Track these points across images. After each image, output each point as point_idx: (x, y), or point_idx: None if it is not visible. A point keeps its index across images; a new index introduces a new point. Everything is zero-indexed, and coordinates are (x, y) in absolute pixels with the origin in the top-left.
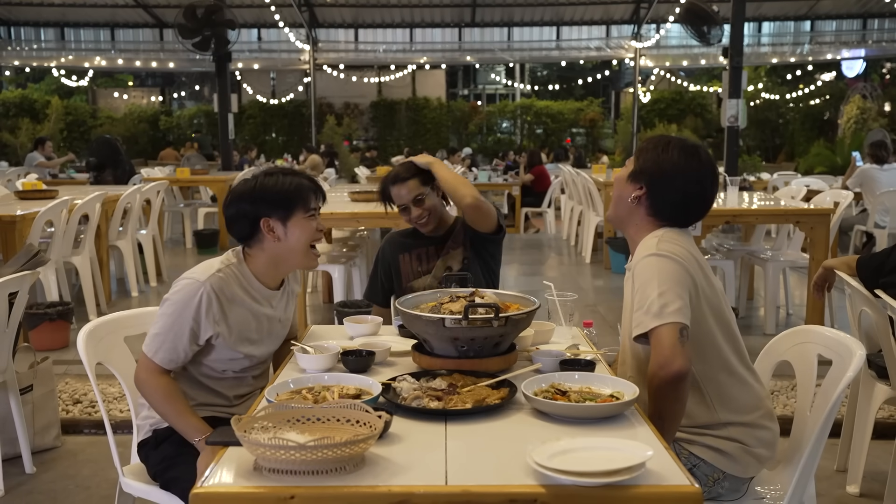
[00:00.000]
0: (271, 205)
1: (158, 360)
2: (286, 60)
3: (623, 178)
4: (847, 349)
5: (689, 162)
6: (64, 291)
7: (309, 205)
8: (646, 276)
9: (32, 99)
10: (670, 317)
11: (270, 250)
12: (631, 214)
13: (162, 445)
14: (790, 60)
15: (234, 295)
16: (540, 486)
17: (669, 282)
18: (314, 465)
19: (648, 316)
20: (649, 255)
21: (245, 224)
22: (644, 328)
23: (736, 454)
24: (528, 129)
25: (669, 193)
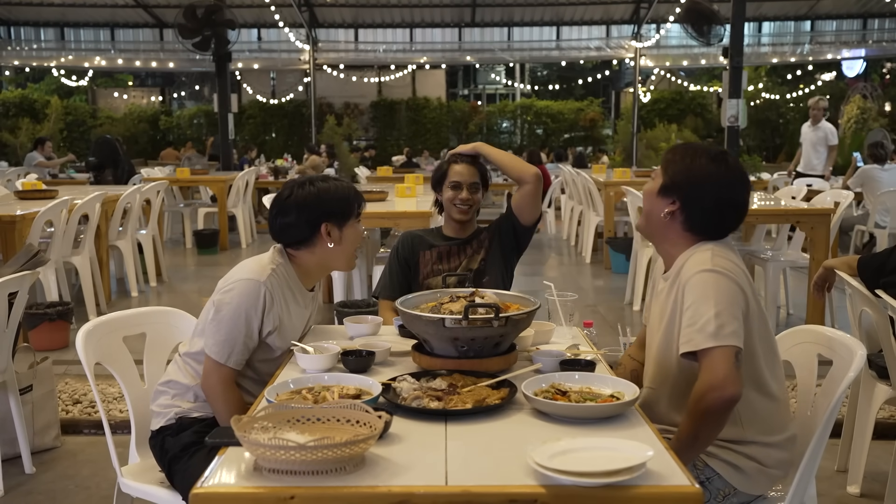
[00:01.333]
0: (333, 210)
1: (233, 363)
2: (286, 60)
3: (653, 192)
4: (848, 349)
5: (718, 169)
6: (64, 291)
7: (360, 210)
8: (701, 292)
9: (32, 99)
10: (727, 339)
11: (321, 253)
12: (665, 229)
13: (182, 433)
14: (790, 60)
15: (284, 293)
16: (540, 486)
17: (726, 301)
18: (314, 465)
19: (703, 335)
20: (705, 271)
21: (305, 229)
22: (696, 347)
23: (752, 472)
24: (528, 129)
25: (703, 205)
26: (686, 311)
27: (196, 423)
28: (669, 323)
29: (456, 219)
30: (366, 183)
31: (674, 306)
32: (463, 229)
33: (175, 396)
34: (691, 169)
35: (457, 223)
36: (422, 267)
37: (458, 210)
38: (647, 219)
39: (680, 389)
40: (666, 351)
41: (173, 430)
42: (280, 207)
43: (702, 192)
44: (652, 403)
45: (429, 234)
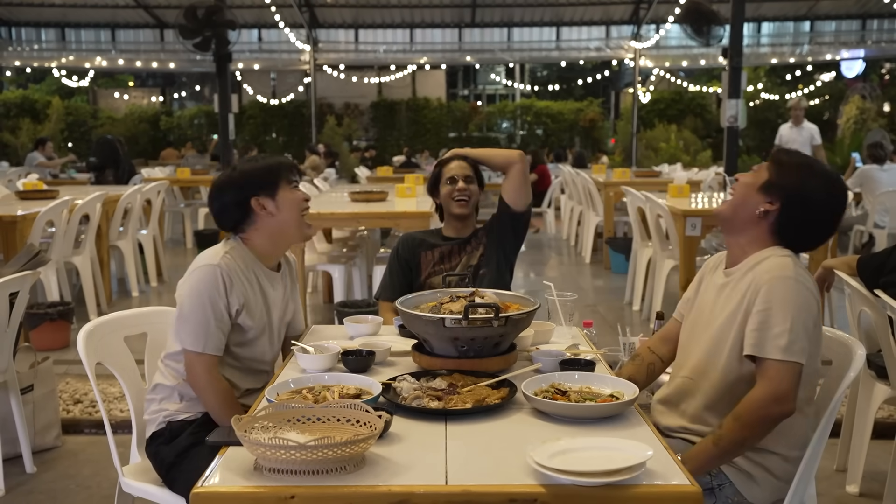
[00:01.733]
0: (258, 184)
1: (211, 349)
2: (286, 61)
3: (753, 186)
4: (847, 349)
5: (832, 193)
6: (64, 291)
7: (291, 177)
8: (781, 298)
9: (33, 99)
10: (796, 355)
11: (266, 227)
12: (751, 225)
13: (177, 439)
14: (790, 61)
15: (243, 272)
16: (540, 486)
17: (803, 316)
18: (314, 465)
19: (773, 345)
20: (788, 277)
21: (235, 210)
22: (765, 354)
23: (762, 483)
24: (528, 129)
25: (805, 217)
26: (758, 312)
27: (187, 426)
28: (729, 319)
29: (456, 213)
30: (366, 183)
31: (739, 304)
32: (463, 228)
33: (162, 401)
34: (806, 178)
35: (457, 221)
36: (423, 268)
37: (458, 203)
38: (735, 209)
39: (723, 387)
40: (717, 345)
41: (165, 438)
42: (211, 196)
43: (808, 204)
44: (685, 394)
45: (429, 235)
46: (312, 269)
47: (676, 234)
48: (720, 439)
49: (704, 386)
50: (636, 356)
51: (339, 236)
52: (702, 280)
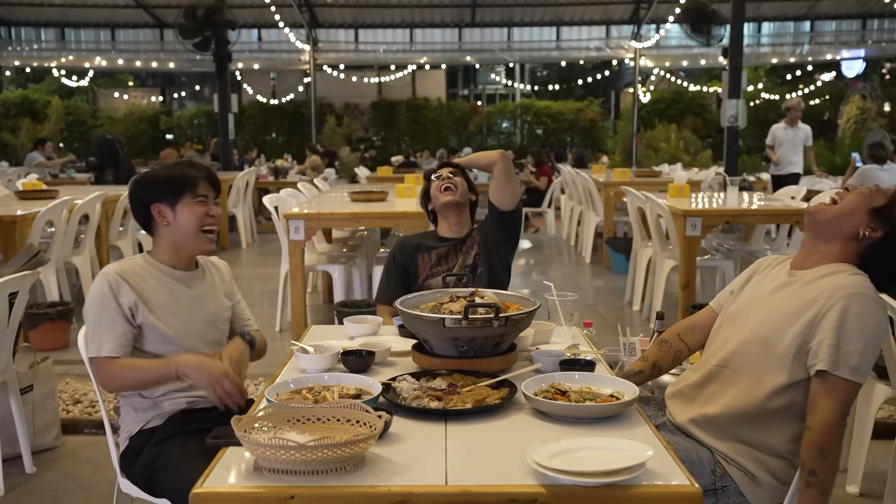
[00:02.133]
0: (160, 190)
1: (107, 351)
2: (286, 61)
3: (866, 204)
4: None
5: None
6: (64, 291)
7: (196, 191)
8: (859, 317)
9: (33, 99)
10: (862, 377)
11: (166, 235)
12: (842, 238)
13: (141, 453)
14: (790, 61)
15: (142, 275)
16: (540, 486)
17: (878, 339)
18: (314, 465)
19: (845, 363)
20: (868, 297)
21: (140, 212)
22: (837, 372)
23: (766, 485)
24: (528, 129)
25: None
26: (833, 328)
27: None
28: (789, 317)
29: (445, 202)
30: (366, 183)
31: (807, 306)
32: (457, 227)
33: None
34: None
35: (449, 216)
36: (421, 270)
37: (445, 193)
38: (838, 217)
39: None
40: (769, 339)
41: (131, 455)
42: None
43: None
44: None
45: (425, 237)
46: (312, 269)
47: (676, 234)
48: (825, 485)
49: (743, 378)
50: (664, 342)
51: (339, 236)
52: (752, 276)
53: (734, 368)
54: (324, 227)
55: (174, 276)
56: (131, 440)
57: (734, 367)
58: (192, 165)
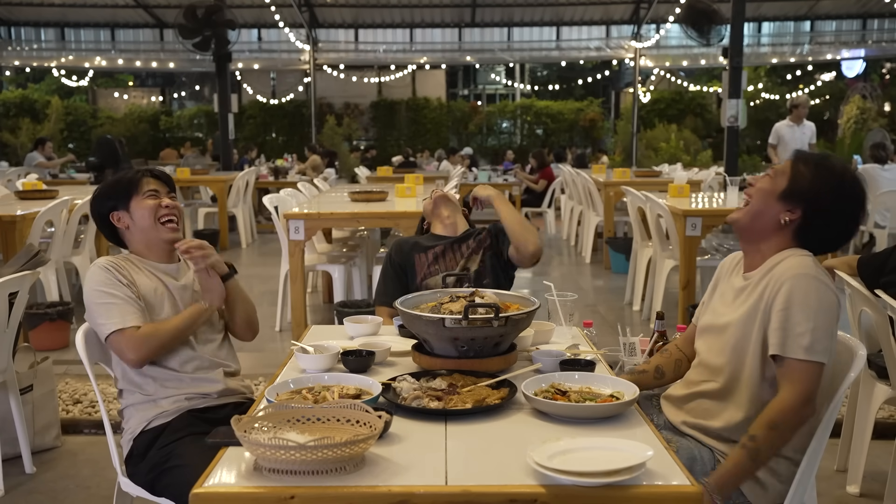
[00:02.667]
0: (110, 200)
1: (132, 321)
2: (286, 60)
3: (772, 194)
4: (848, 349)
5: (852, 194)
6: (64, 291)
7: (142, 188)
8: (802, 297)
9: (33, 99)
10: (820, 355)
11: (132, 238)
12: (771, 232)
13: (148, 455)
14: (790, 60)
15: (132, 268)
16: (540, 486)
17: (826, 315)
18: (314, 465)
19: (797, 345)
20: (809, 276)
21: (104, 228)
22: (788, 354)
23: (770, 486)
24: (528, 129)
25: (828, 224)
26: (780, 311)
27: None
28: (748, 319)
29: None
30: (366, 183)
31: (757, 304)
32: (452, 224)
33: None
34: (825, 182)
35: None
36: (418, 269)
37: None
38: (754, 217)
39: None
40: (740, 347)
41: (137, 457)
42: None
43: (832, 215)
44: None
45: (421, 237)
46: (312, 269)
47: (677, 234)
48: (758, 453)
49: (731, 388)
50: (665, 350)
51: (339, 236)
52: (717, 285)
53: (718, 382)
54: (324, 227)
55: (159, 268)
56: (135, 441)
57: (718, 380)
58: (136, 168)
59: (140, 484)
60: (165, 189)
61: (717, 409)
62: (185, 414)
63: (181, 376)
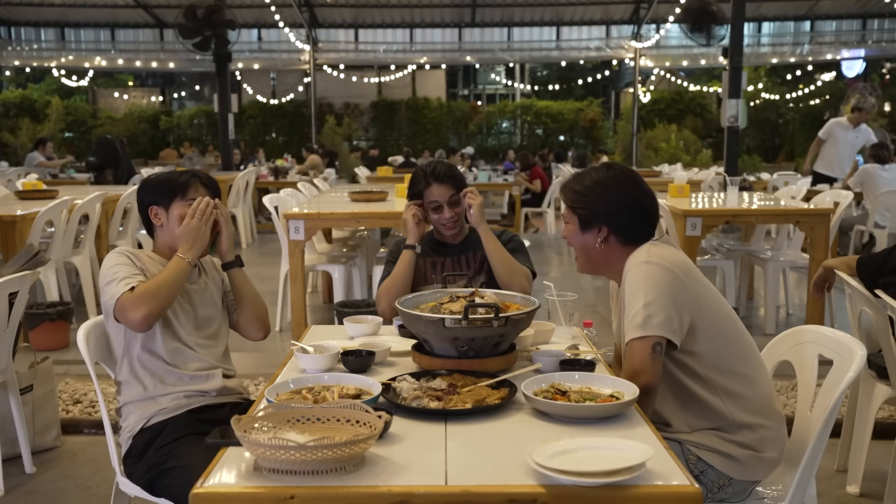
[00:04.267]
0: (155, 193)
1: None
2: (286, 60)
3: (577, 233)
4: (848, 349)
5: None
6: (64, 291)
7: (187, 194)
8: (634, 283)
9: (32, 99)
10: (650, 329)
11: (161, 236)
12: (607, 256)
13: (146, 454)
14: (790, 60)
15: (148, 262)
16: (540, 486)
17: (657, 291)
18: (314, 465)
19: (631, 326)
20: (638, 263)
21: (142, 213)
22: (626, 339)
23: (746, 460)
24: (528, 129)
25: (629, 217)
26: (624, 303)
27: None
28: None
29: (447, 235)
30: (366, 183)
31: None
32: (454, 235)
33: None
34: (598, 193)
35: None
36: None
37: (448, 228)
38: (586, 257)
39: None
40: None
41: (135, 455)
42: None
43: (620, 209)
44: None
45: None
46: (312, 269)
47: (676, 234)
48: None
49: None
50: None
51: (339, 236)
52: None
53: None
54: (324, 227)
55: None
56: (134, 439)
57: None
58: (191, 171)
59: (138, 483)
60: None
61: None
62: (184, 415)
63: (181, 374)
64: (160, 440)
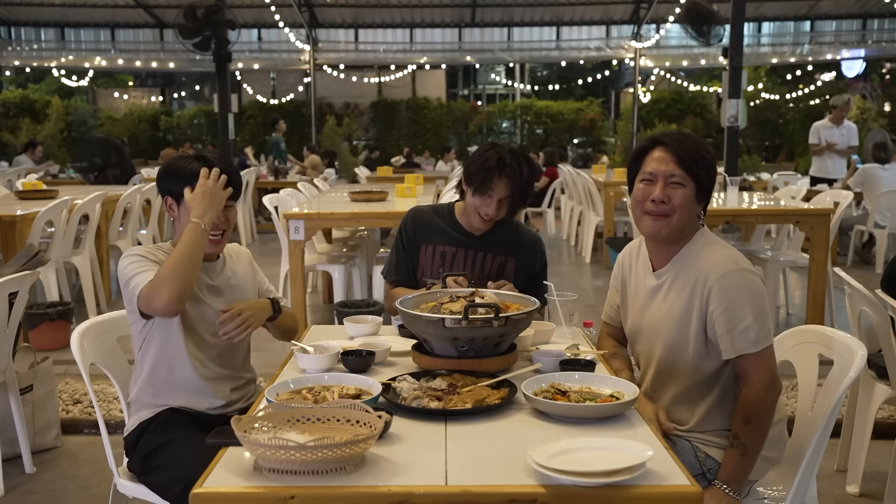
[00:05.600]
0: (165, 181)
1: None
2: (286, 60)
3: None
4: (848, 349)
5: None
6: (64, 291)
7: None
8: (735, 294)
9: (33, 99)
10: (765, 341)
11: (177, 227)
12: (689, 231)
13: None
14: (790, 60)
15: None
16: (540, 486)
17: (760, 303)
18: (314, 465)
19: (745, 340)
20: (732, 271)
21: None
22: (742, 352)
23: None
24: (528, 129)
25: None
26: (721, 315)
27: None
28: (682, 319)
29: (476, 225)
30: (366, 183)
31: (689, 303)
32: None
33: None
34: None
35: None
36: (422, 260)
37: (479, 219)
38: (683, 224)
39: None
40: (678, 348)
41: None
42: None
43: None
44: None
45: (437, 216)
46: (312, 269)
47: None
48: (745, 447)
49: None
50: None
51: (339, 236)
52: (625, 285)
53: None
54: (324, 227)
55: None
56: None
57: (666, 382)
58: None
59: (133, 471)
60: None
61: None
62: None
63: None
64: (151, 428)
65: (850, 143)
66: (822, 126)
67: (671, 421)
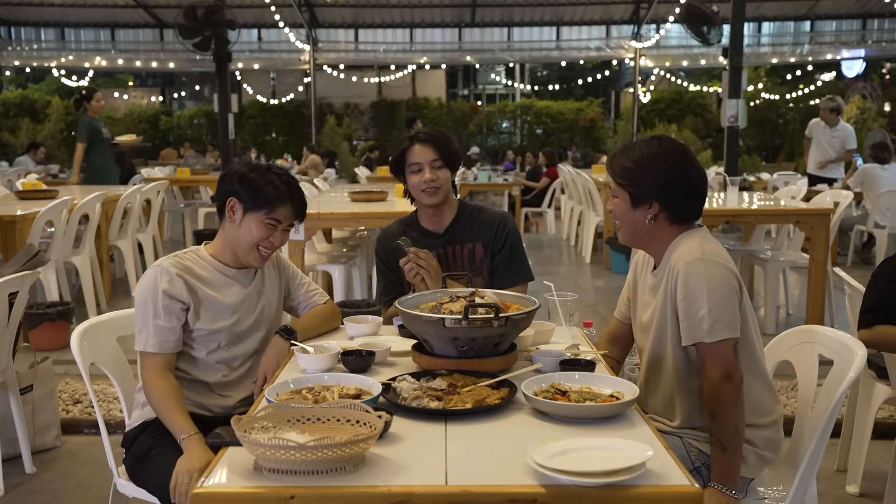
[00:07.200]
0: (245, 190)
1: (151, 347)
2: (286, 60)
3: (627, 209)
4: (848, 349)
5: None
6: (64, 291)
7: (274, 213)
8: (695, 283)
9: (33, 99)
10: (723, 332)
11: (227, 231)
12: (653, 232)
13: (139, 438)
14: (790, 60)
15: (194, 272)
16: (540, 486)
17: (720, 292)
18: (314, 465)
19: (701, 330)
20: (696, 260)
21: (220, 197)
22: (696, 340)
23: (745, 455)
24: (528, 129)
25: (682, 194)
26: (681, 302)
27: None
28: (661, 315)
29: (427, 203)
30: (366, 183)
31: (664, 298)
32: (439, 217)
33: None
34: (647, 170)
35: (430, 208)
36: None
37: (427, 193)
38: (632, 231)
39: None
40: (660, 343)
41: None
42: None
43: (668, 182)
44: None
45: (406, 227)
46: (312, 269)
47: None
48: (722, 443)
49: (660, 383)
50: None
51: (339, 236)
52: (636, 281)
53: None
54: (324, 227)
55: (226, 272)
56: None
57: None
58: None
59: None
60: (289, 222)
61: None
62: None
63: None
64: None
65: (845, 146)
66: (816, 124)
67: (662, 416)
